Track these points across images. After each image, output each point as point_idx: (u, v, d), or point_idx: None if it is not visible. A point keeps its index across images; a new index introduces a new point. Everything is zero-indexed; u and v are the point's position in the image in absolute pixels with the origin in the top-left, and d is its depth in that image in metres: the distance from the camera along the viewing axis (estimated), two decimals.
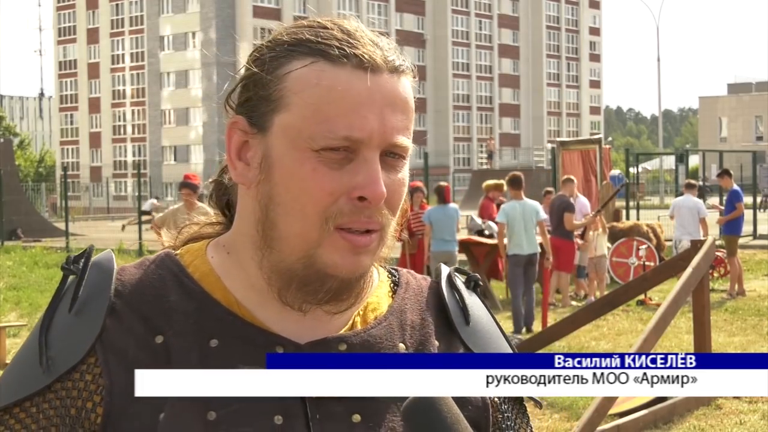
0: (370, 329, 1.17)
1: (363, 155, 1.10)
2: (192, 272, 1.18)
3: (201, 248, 1.22)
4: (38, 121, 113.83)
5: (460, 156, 79.68)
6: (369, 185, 1.09)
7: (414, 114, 1.17)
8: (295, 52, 1.12)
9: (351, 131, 1.09)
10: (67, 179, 27.91)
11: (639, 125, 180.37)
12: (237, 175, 1.16)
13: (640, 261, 14.32)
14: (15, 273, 18.42)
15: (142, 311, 1.14)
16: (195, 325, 1.13)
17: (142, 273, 1.18)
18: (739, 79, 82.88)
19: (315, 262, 1.11)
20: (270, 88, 1.12)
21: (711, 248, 7.90)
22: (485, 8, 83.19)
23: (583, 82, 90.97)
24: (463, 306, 1.25)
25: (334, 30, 1.14)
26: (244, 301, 1.16)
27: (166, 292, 1.16)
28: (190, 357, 1.11)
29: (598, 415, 6.06)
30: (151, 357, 1.11)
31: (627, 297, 9.26)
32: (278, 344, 1.13)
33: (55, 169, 71.12)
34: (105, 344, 1.12)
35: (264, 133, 1.13)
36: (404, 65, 1.15)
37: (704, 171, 31.05)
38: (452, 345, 1.22)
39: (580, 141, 20.20)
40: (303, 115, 1.10)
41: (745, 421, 7.30)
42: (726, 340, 10.45)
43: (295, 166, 1.10)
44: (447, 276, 1.28)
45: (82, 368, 1.12)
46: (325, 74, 1.10)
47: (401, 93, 1.13)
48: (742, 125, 74.03)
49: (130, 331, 1.13)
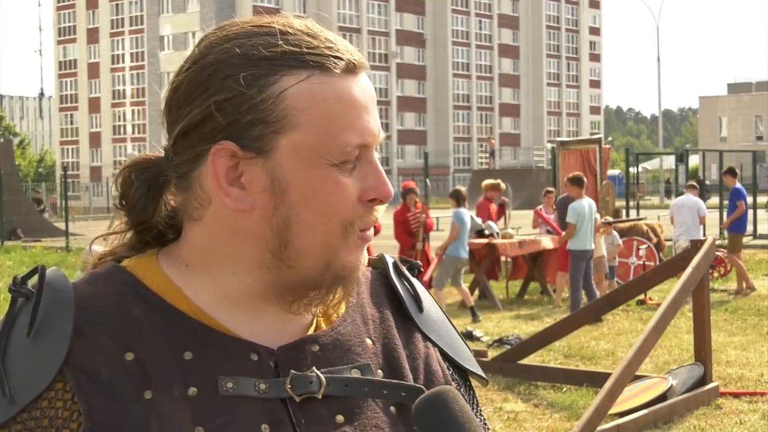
0: (337, 327, 1.16)
1: (367, 158, 1.11)
2: (149, 284, 1.13)
3: (151, 261, 1.16)
4: (38, 121, 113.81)
5: (460, 156, 79.69)
6: (380, 187, 1.12)
7: None
8: (282, 66, 1.08)
9: (361, 138, 1.10)
10: (67, 179, 27.90)
11: (639, 125, 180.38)
12: (233, 201, 1.09)
13: (640, 261, 14.32)
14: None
15: (107, 329, 1.09)
16: (166, 339, 1.09)
17: (98, 289, 1.13)
18: (739, 79, 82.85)
19: (335, 267, 1.11)
20: (265, 110, 1.07)
21: (711, 248, 7.90)
22: (485, 8, 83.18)
23: (583, 81, 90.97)
24: (415, 294, 1.25)
25: (299, 34, 1.10)
26: (210, 311, 1.12)
27: (128, 306, 1.11)
28: (168, 372, 1.07)
29: (598, 415, 6.06)
30: (124, 375, 1.06)
31: (627, 297, 9.28)
32: (252, 351, 1.11)
33: (55, 169, 71.11)
34: (74, 367, 1.06)
35: (265, 156, 1.08)
36: (365, 59, 1.15)
37: (704, 171, 31.02)
38: (411, 334, 1.22)
39: (580, 141, 20.17)
40: (315, 132, 1.08)
41: (745, 420, 7.30)
42: (726, 340, 10.45)
43: (317, 184, 1.08)
44: (393, 265, 1.28)
45: (50, 395, 1.06)
46: (327, 86, 1.08)
47: (373, 87, 1.15)
48: (742, 125, 74.00)
49: (99, 350, 1.07)
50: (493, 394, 8.19)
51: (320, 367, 1.12)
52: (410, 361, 1.19)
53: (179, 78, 1.13)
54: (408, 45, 77.99)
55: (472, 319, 12.06)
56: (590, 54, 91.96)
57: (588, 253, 12.25)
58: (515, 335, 10.82)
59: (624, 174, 27.65)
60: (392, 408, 1.14)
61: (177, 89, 1.12)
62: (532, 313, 12.90)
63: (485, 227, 13.77)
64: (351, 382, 1.12)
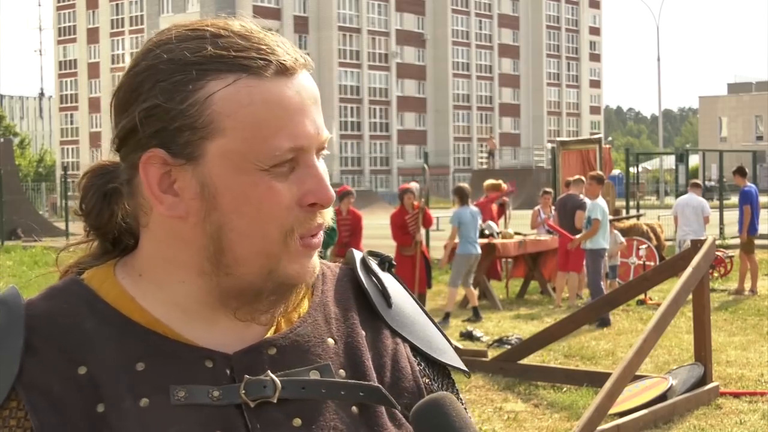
0: (296, 329, 1.14)
1: (304, 161, 1.08)
2: (104, 296, 1.12)
3: (108, 271, 1.16)
4: (38, 121, 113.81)
5: (460, 156, 79.68)
6: (319, 190, 1.08)
7: None
8: (209, 71, 1.06)
9: (295, 142, 1.06)
10: (67, 179, 27.89)
11: (639, 125, 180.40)
12: (166, 208, 1.08)
13: (640, 261, 14.32)
14: (15, 273, 18.43)
15: (59, 344, 1.08)
16: (117, 351, 1.08)
17: (52, 304, 1.12)
18: (739, 79, 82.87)
19: (278, 276, 1.09)
20: (191, 116, 1.05)
21: (711, 248, 7.91)
22: (485, 8, 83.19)
23: (583, 81, 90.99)
24: (383, 289, 1.22)
25: (232, 37, 1.08)
26: (165, 320, 1.11)
27: (81, 320, 1.10)
28: (119, 384, 1.06)
29: (598, 414, 6.06)
30: (76, 390, 1.06)
31: (627, 297, 9.28)
32: (207, 358, 1.09)
33: (55, 169, 71.12)
34: (26, 385, 1.06)
35: (194, 163, 1.07)
36: (306, 58, 1.12)
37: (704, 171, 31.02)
38: (378, 331, 1.19)
39: (580, 141, 20.21)
40: (243, 137, 1.05)
41: (745, 420, 7.30)
42: (726, 340, 10.45)
43: (248, 190, 1.06)
44: (361, 260, 1.24)
45: (5, 414, 1.06)
46: (254, 90, 1.06)
47: (314, 88, 1.11)
48: (742, 125, 74.03)
49: (50, 366, 1.07)
50: (493, 394, 8.20)
51: (277, 370, 1.09)
52: (376, 359, 1.16)
53: (119, 84, 1.12)
54: (408, 45, 77.99)
55: (474, 318, 12.05)
56: (590, 54, 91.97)
57: (605, 251, 12.44)
58: (515, 335, 10.81)
59: (624, 174, 27.65)
60: (354, 408, 1.11)
61: (117, 95, 1.12)
62: (532, 313, 12.89)
63: (485, 227, 13.77)
64: (308, 384, 1.09)
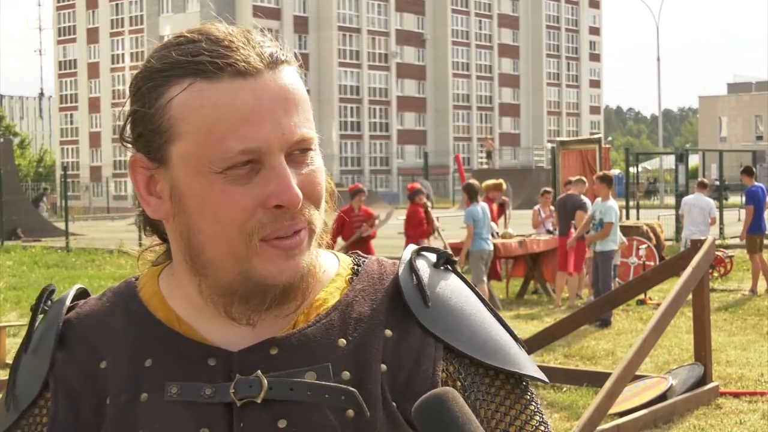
0: (305, 329, 1.13)
1: (269, 163, 1.07)
2: (142, 295, 1.19)
3: (156, 271, 1.22)
4: (38, 121, 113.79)
5: (460, 156, 79.64)
6: (282, 192, 1.07)
7: (308, 100, 1.13)
8: (171, 77, 1.09)
9: (247, 144, 1.06)
10: (67, 179, 27.89)
11: (639, 125, 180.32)
12: (153, 210, 1.14)
13: (640, 261, 14.31)
14: (15, 273, 18.43)
15: (87, 340, 1.16)
16: (133, 348, 1.14)
17: (98, 302, 1.21)
18: (739, 79, 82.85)
19: (252, 276, 1.09)
20: (156, 121, 1.10)
21: (711, 248, 7.90)
22: (485, 8, 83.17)
23: (583, 81, 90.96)
24: (420, 286, 1.17)
25: (201, 42, 1.09)
26: (187, 318, 1.15)
27: (113, 317, 1.17)
28: (123, 379, 1.12)
29: (598, 414, 6.06)
30: (92, 384, 1.14)
31: (627, 297, 9.27)
32: (210, 356, 1.12)
33: (55, 169, 71.12)
34: (56, 377, 1.15)
35: (165, 166, 1.11)
36: (283, 55, 1.11)
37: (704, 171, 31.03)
38: (407, 331, 1.15)
39: (580, 141, 20.21)
40: (196, 141, 1.07)
41: (745, 420, 7.30)
42: (726, 340, 10.45)
43: (204, 192, 1.08)
44: (408, 257, 1.21)
45: (41, 403, 1.16)
46: (206, 93, 1.07)
47: (288, 87, 1.09)
48: (742, 125, 74.00)
49: (75, 360, 1.16)
50: None
51: (274, 370, 1.10)
52: (394, 360, 1.13)
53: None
54: (408, 45, 77.97)
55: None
56: (590, 54, 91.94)
57: (614, 253, 12.52)
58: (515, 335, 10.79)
59: (624, 174, 27.64)
60: (350, 412, 1.09)
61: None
62: (532, 313, 12.89)
63: None
64: (296, 386, 1.09)
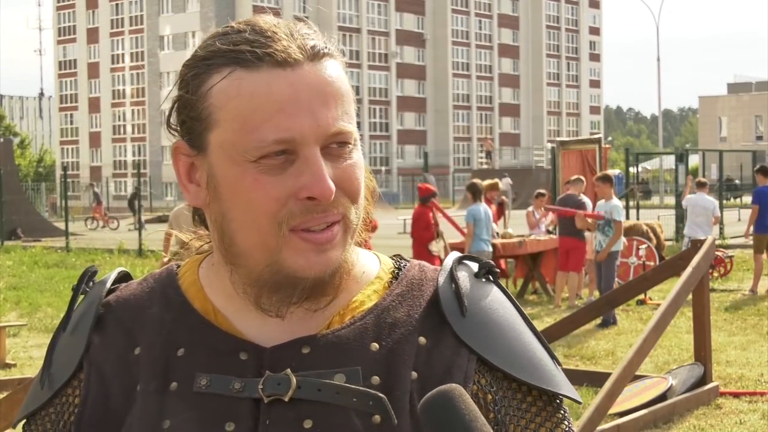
0: (339, 330, 1.12)
1: (303, 154, 1.07)
2: (181, 284, 1.19)
3: (198, 259, 1.23)
4: (38, 121, 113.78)
5: (460, 156, 79.67)
6: (314, 184, 1.06)
7: (351, 95, 1.12)
8: (213, 65, 1.10)
9: (281, 134, 1.06)
10: (67, 179, 27.88)
11: (639, 125, 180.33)
12: (191, 197, 1.15)
13: (640, 261, 14.31)
14: (15, 273, 18.42)
15: (124, 324, 1.17)
16: (167, 335, 1.14)
17: (138, 288, 1.21)
18: (739, 79, 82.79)
19: (282, 268, 1.09)
20: (197, 108, 1.11)
21: (711, 248, 7.90)
22: (485, 8, 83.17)
23: (583, 81, 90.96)
24: (458, 295, 1.15)
25: (246, 32, 1.10)
26: (223, 310, 1.15)
27: (150, 303, 1.18)
28: (155, 367, 1.13)
29: (598, 414, 6.05)
30: (126, 369, 1.14)
31: (627, 297, 9.26)
32: (242, 350, 1.12)
33: (55, 169, 71.12)
34: (90, 359, 1.16)
35: (204, 153, 1.12)
36: (325, 48, 1.11)
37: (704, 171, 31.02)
38: (441, 340, 1.14)
39: (580, 141, 20.18)
40: (232, 129, 1.08)
41: (745, 420, 7.30)
42: (726, 340, 10.45)
43: (238, 181, 1.08)
44: (449, 265, 1.19)
45: (74, 383, 1.17)
46: (244, 82, 1.07)
47: (328, 79, 1.09)
48: (742, 125, 73.97)
49: (111, 344, 1.16)
50: None
51: (304, 369, 1.09)
52: (425, 368, 1.12)
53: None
54: (408, 45, 77.98)
55: None
56: (590, 54, 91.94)
57: (619, 253, 12.58)
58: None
59: (624, 174, 27.63)
60: (376, 417, 1.08)
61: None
62: (532, 313, 12.88)
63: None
64: (324, 387, 1.08)
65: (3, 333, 9.98)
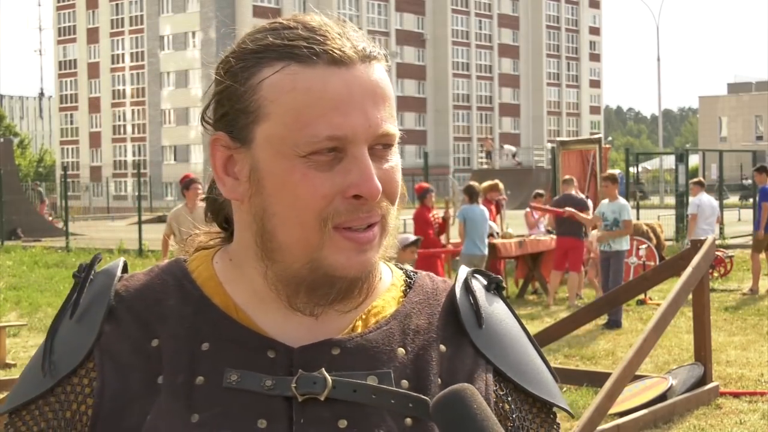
0: (367, 333, 1.13)
1: (352, 153, 1.08)
2: (195, 278, 1.18)
3: (209, 255, 1.22)
4: (38, 121, 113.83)
5: (460, 156, 79.67)
6: (363, 183, 1.07)
7: (394, 99, 1.15)
8: (264, 59, 1.10)
9: (334, 131, 1.07)
10: (67, 179, 27.88)
11: (639, 125, 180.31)
12: (228, 191, 1.14)
13: (640, 261, 14.31)
14: (15, 273, 18.42)
15: (140, 315, 1.15)
16: (190, 329, 1.13)
17: (148, 279, 1.19)
18: (739, 79, 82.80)
19: (321, 266, 1.09)
20: (246, 100, 1.10)
21: (711, 248, 7.90)
22: (485, 8, 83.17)
23: (583, 81, 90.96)
24: (476, 308, 1.19)
25: (298, 29, 1.11)
26: (244, 306, 1.14)
27: (166, 296, 1.16)
28: (180, 360, 1.11)
29: (598, 414, 6.05)
30: (144, 361, 1.12)
31: (627, 297, 9.27)
32: (270, 348, 1.11)
33: (55, 169, 71.12)
34: (103, 348, 1.13)
35: (248, 146, 1.11)
36: (375, 51, 1.14)
37: (704, 171, 31.02)
38: (461, 349, 1.17)
39: (580, 141, 20.19)
40: (284, 123, 1.08)
41: (745, 420, 7.30)
42: (726, 340, 10.45)
43: (285, 175, 1.08)
44: (464, 278, 1.23)
45: (81, 372, 1.14)
46: (299, 77, 1.08)
47: (378, 81, 1.11)
48: (742, 125, 73.98)
49: (126, 335, 1.14)
50: None
51: (335, 370, 1.10)
52: (448, 375, 1.14)
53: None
54: (408, 45, 77.98)
55: None
56: (590, 54, 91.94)
57: (626, 252, 12.58)
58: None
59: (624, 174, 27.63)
60: (408, 420, 1.10)
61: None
62: (532, 313, 12.88)
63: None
64: (360, 388, 1.09)
65: (3, 333, 9.98)
